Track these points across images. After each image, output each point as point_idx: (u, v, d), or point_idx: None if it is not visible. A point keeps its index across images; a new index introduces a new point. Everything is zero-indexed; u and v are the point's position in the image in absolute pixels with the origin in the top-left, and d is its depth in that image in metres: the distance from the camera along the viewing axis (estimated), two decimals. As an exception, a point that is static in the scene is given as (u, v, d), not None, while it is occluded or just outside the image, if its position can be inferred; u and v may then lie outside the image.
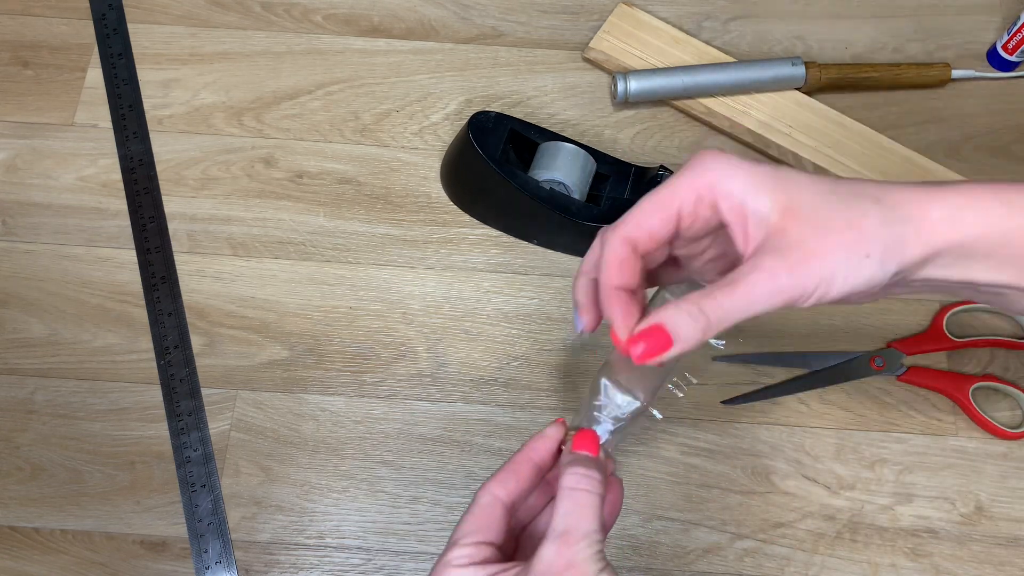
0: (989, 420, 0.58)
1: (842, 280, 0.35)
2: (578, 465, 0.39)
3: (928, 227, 0.36)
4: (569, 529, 0.37)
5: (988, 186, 0.37)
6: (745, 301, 0.35)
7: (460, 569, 0.38)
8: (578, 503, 0.38)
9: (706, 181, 0.36)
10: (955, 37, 0.71)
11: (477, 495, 0.41)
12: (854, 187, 0.36)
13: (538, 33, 0.71)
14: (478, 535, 0.39)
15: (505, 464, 0.41)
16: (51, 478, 0.57)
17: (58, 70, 0.69)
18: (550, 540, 0.37)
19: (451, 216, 0.65)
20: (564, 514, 0.38)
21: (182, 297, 0.62)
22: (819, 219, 0.35)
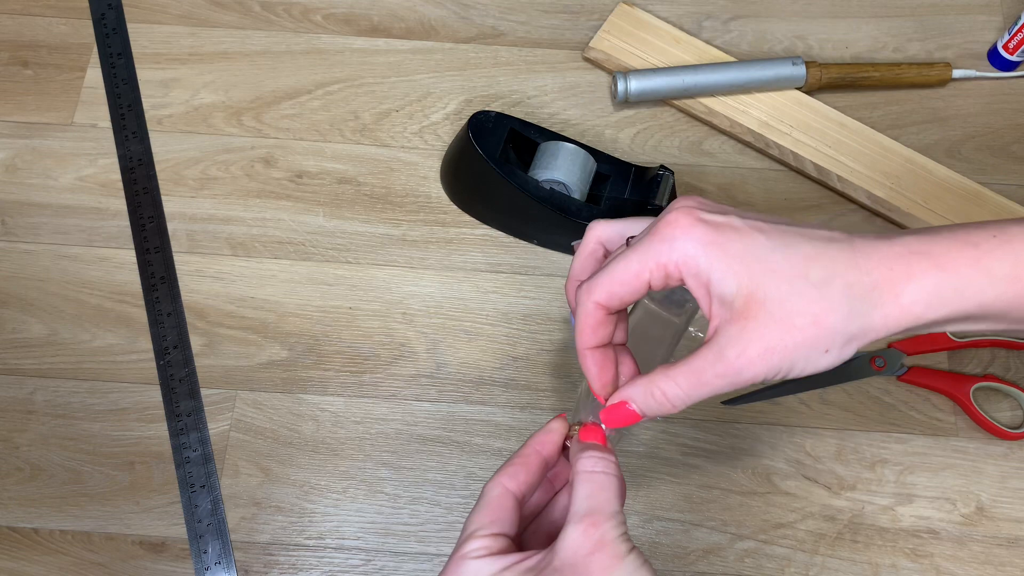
0: (990, 420, 0.58)
1: (799, 371, 0.36)
2: (593, 449, 0.39)
3: (897, 311, 0.35)
4: (593, 510, 0.36)
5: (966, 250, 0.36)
6: (708, 390, 0.36)
7: (478, 560, 0.37)
8: (599, 484, 0.37)
9: (674, 258, 0.36)
10: (956, 37, 0.71)
11: (487, 488, 0.40)
12: (828, 267, 0.35)
13: (538, 33, 0.71)
14: (493, 527, 0.38)
15: (512, 458, 0.41)
16: (50, 478, 0.57)
17: (57, 70, 0.69)
18: (573, 523, 0.36)
19: (451, 216, 0.65)
20: (585, 496, 0.37)
21: (181, 297, 0.62)
22: (784, 313, 0.35)
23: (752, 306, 0.35)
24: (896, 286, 0.35)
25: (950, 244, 0.36)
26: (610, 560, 0.35)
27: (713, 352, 0.36)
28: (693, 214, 0.36)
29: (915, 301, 0.35)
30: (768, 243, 0.35)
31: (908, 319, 0.35)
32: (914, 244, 0.36)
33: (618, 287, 0.38)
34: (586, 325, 0.39)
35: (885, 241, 0.36)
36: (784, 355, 0.35)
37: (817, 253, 0.35)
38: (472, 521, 0.39)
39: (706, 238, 0.35)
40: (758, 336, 0.35)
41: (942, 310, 0.35)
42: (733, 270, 0.35)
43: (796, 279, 0.35)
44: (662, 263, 0.36)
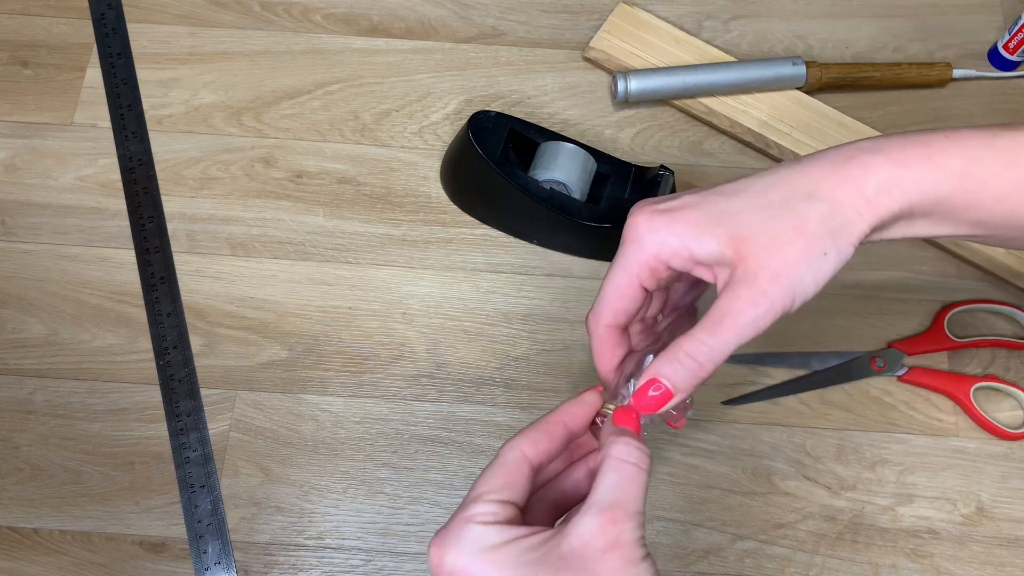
0: (990, 420, 0.58)
1: (812, 283, 0.37)
2: (629, 436, 0.37)
3: (866, 204, 0.37)
4: (617, 504, 0.34)
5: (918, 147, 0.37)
6: (733, 334, 0.37)
7: (484, 527, 0.34)
8: (628, 477, 0.35)
9: (649, 253, 0.38)
10: (956, 37, 0.71)
11: (504, 450, 0.37)
12: (784, 187, 0.37)
13: (538, 32, 0.71)
14: (503, 493, 0.36)
15: (536, 422, 0.39)
16: (50, 479, 0.57)
17: (57, 70, 0.69)
18: (592, 513, 0.34)
19: (451, 216, 0.65)
20: (612, 486, 0.35)
21: (181, 297, 0.62)
22: (767, 238, 0.36)
23: (740, 247, 0.36)
24: (857, 181, 0.37)
25: (901, 144, 0.38)
26: (623, 564, 0.33)
27: (726, 299, 0.36)
28: (647, 210, 0.38)
29: (878, 192, 0.37)
30: (724, 196, 0.38)
31: (877, 211, 0.37)
32: (864, 146, 0.38)
33: (616, 303, 0.40)
34: (603, 349, 0.41)
35: (833, 151, 0.38)
36: (789, 272, 0.36)
37: (770, 183, 0.38)
38: (483, 482, 0.36)
39: (666, 220, 0.37)
40: (759, 266, 0.36)
41: (901, 199, 0.37)
42: (705, 230, 0.37)
43: (763, 207, 0.37)
44: (642, 262, 0.38)
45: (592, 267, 0.63)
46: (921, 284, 0.63)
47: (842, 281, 0.62)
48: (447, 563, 0.34)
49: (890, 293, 0.62)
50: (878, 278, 0.63)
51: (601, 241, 0.62)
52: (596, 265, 0.63)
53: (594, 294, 0.62)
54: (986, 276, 0.63)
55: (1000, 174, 0.37)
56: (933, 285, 0.63)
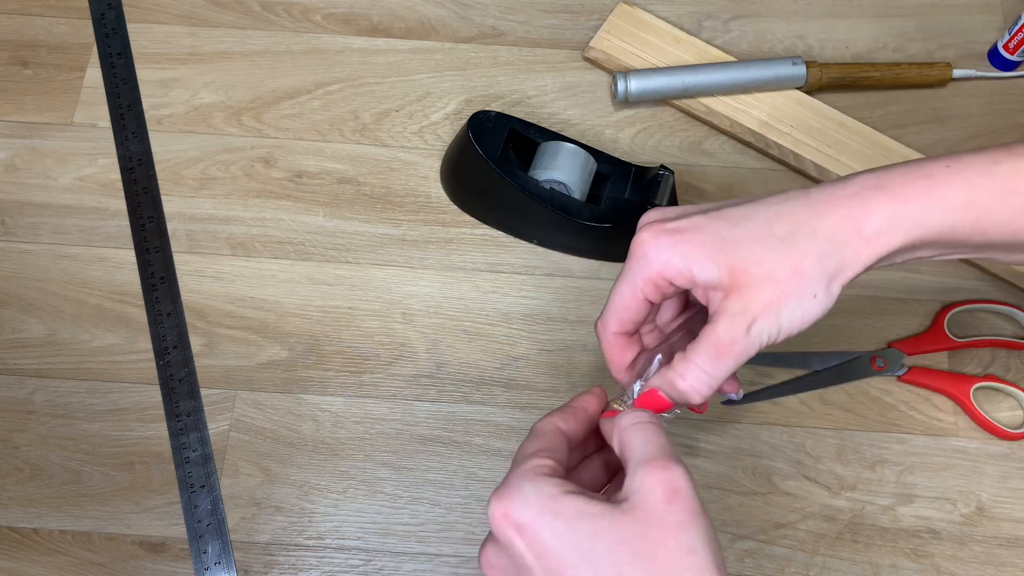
0: (990, 420, 0.57)
1: (799, 322, 0.38)
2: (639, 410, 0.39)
3: (864, 244, 0.38)
4: (658, 455, 0.35)
5: (919, 181, 0.38)
6: (730, 361, 0.38)
7: (545, 478, 0.34)
8: (652, 433, 0.37)
9: (653, 270, 0.39)
10: (956, 36, 0.71)
11: (539, 425, 0.39)
12: (789, 223, 0.38)
13: (538, 32, 0.71)
14: (552, 453, 0.37)
15: (568, 405, 0.41)
16: (50, 479, 0.57)
17: (57, 70, 0.69)
18: (641, 469, 0.34)
19: (451, 216, 0.65)
20: (643, 443, 0.36)
21: (181, 297, 0.62)
22: (765, 272, 0.37)
23: (738, 277, 0.37)
24: (857, 222, 0.38)
25: (904, 177, 0.38)
26: (688, 515, 0.33)
27: (721, 325, 0.38)
28: (656, 227, 0.39)
29: (877, 232, 0.38)
30: (730, 223, 0.38)
31: (876, 250, 0.38)
32: (869, 181, 0.39)
33: (623, 313, 0.41)
34: (613, 354, 0.43)
35: (839, 184, 0.39)
36: (780, 309, 0.37)
37: (776, 213, 0.38)
38: (528, 447, 0.37)
39: (672, 241, 0.38)
40: (754, 298, 0.37)
41: (903, 237, 0.38)
42: (708, 256, 0.38)
43: (765, 240, 0.38)
44: (646, 279, 0.39)
45: (592, 267, 0.63)
46: (921, 284, 0.63)
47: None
48: (513, 515, 0.33)
49: (890, 293, 0.62)
50: (878, 278, 0.63)
51: (601, 241, 0.62)
52: (596, 265, 0.63)
53: (594, 294, 0.62)
54: (986, 276, 0.63)
55: (1002, 202, 0.38)
56: (933, 285, 0.63)
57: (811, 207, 0.38)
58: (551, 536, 0.32)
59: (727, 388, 0.44)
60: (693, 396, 0.39)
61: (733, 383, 0.44)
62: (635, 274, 0.40)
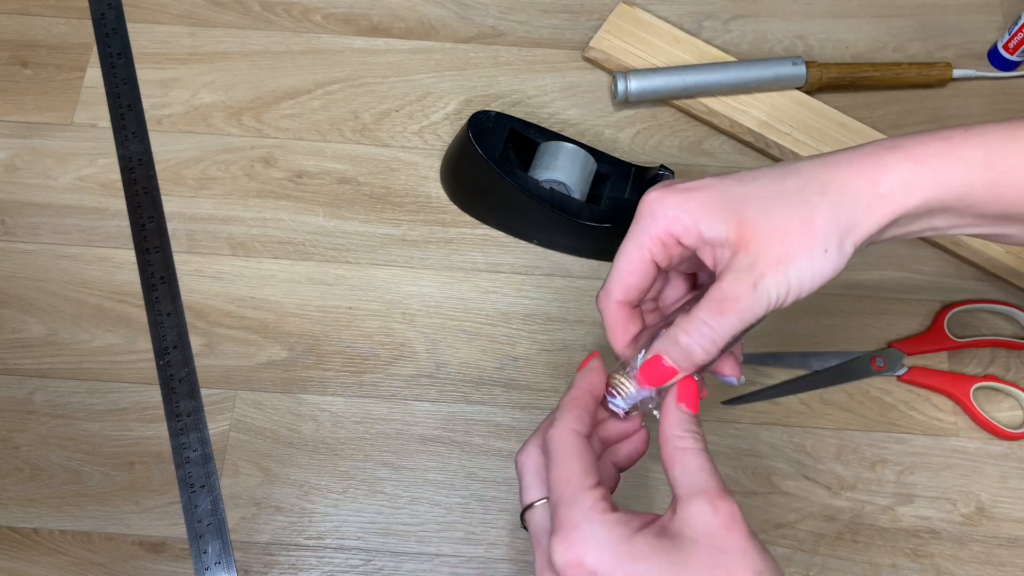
0: (990, 420, 0.58)
1: (809, 279, 0.37)
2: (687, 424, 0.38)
3: (879, 201, 0.37)
4: (711, 484, 0.35)
5: (938, 142, 0.37)
6: (734, 318, 0.37)
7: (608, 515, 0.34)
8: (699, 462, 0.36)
9: (661, 228, 0.38)
10: (956, 36, 0.71)
11: (560, 439, 0.37)
12: (799, 177, 0.37)
13: (538, 32, 0.71)
14: (593, 476, 0.36)
15: (569, 403, 0.39)
16: (50, 479, 0.57)
17: (57, 70, 0.69)
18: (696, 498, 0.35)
19: (451, 216, 0.65)
20: (698, 469, 0.36)
21: (181, 297, 0.62)
22: (774, 226, 0.36)
23: (746, 232, 0.36)
24: (872, 177, 0.36)
25: (921, 139, 0.37)
26: (746, 540, 0.34)
27: (727, 282, 0.37)
28: (661, 188, 0.38)
29: (892, 189, 0.36)
30: (740, 182, 0.38)
31: (890, 209, 0.36)
32: (885, 143, 0.38)
33: (628, 278, 0.40)
34: (616, 325, 0.41)
35: (854, 148, 0.38)
36: (788, 264, 0.36)
37: (787, 171, 0.38)
38: (564, 474, 0.36)
39: (680, 199, 0.37)
40: (762, 253, 0.36)
41: (920, 196, 0.36)
42: (716, 213, 0.37)
43: (774, 196, 0.37)
44: (654, 237, 0.38)
45: (592, 267, 0.63)
46: (921, 284, 0.63)
47: (841, 281, 0.62)
48: (589, 563, 0.33)
49: (890, 293, 0.62)
50: (878, 278, 0.63)
51: (601, 241, 0.62)
52: (596, 265, 0.63)
53: (594, 294, 0.62)
54: (986, 276, 0.63)
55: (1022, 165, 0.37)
56: (933, 285, 0.63)
57: (823, 166, 0.37)
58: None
59: (727, 371, 0.42)
60: (697, 353, 0.38)
61: (734, 366, 0.42)
62: (642, 233, 0.39)
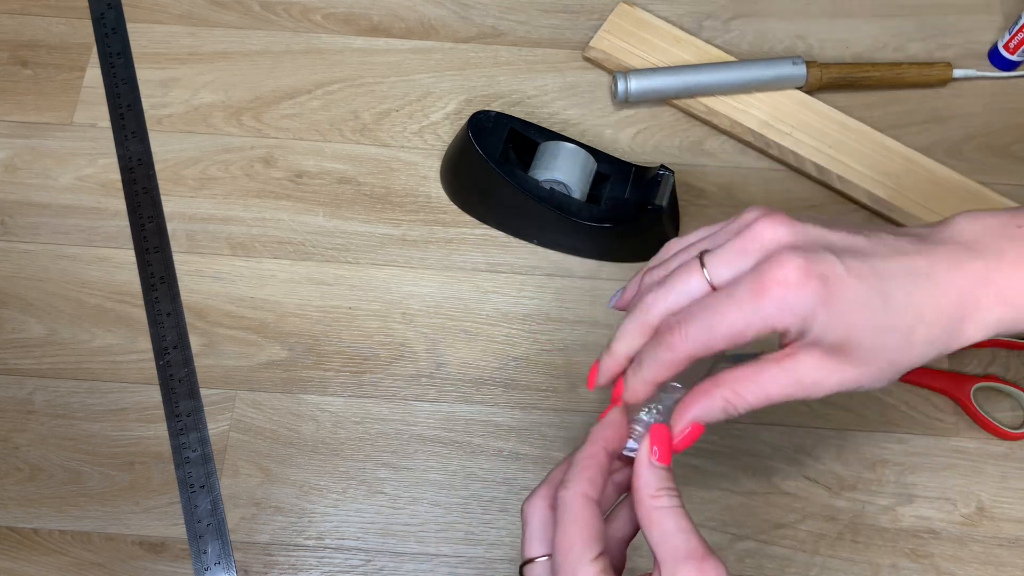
0: (990, 420, 0.57)
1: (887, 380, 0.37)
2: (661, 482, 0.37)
3: (956, 344, 0.37)
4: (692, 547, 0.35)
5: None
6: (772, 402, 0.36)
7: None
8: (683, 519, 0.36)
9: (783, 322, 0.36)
10: (956, 36, 0.71)
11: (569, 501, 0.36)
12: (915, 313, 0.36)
13: (538, 32, 0.71)
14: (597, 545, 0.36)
15: (583, 462, 0.38)
16: (50, 479, 0.57)
17: (57, 69, 0.69)
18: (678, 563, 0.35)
19: (451, 216, 0.65)
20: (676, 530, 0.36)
21: (181, 297, 0.62)
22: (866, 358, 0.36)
23: (840, 350, 0.36)
24: (964, 322, 0.36)
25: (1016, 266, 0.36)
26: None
27: (785, 378, 0.36)
28: (801, 265, 0.35)
29: (976, 333, 0.37)
30: (864, 291, 0.35)
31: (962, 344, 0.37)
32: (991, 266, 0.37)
33: (718, 342, 0.36)
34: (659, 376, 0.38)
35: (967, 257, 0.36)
36: (854, 384, 0.36)
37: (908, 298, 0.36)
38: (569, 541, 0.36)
39: (817, 297, 0.35)
40: (838, 371, 0.36)
41: (997, 332, 0.37)
42: (833, 323, 0.35)
43: (889, 330, 0.36)
44: (771, 324, 0.35)
45: (592, 267, 0.63)
46: (921, 284, 0.63)
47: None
48: None
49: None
50: (878, 278, 0.63)
51: (601, 241, 0.62)
52: (596, 265, 0.63)
53: (594, 294, 0.62)
54: (986, 276, 0.63)
55: None
56: (933, 285, 0.62)
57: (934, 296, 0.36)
58: None
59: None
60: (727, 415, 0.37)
61: None
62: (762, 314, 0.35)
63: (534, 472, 0.57)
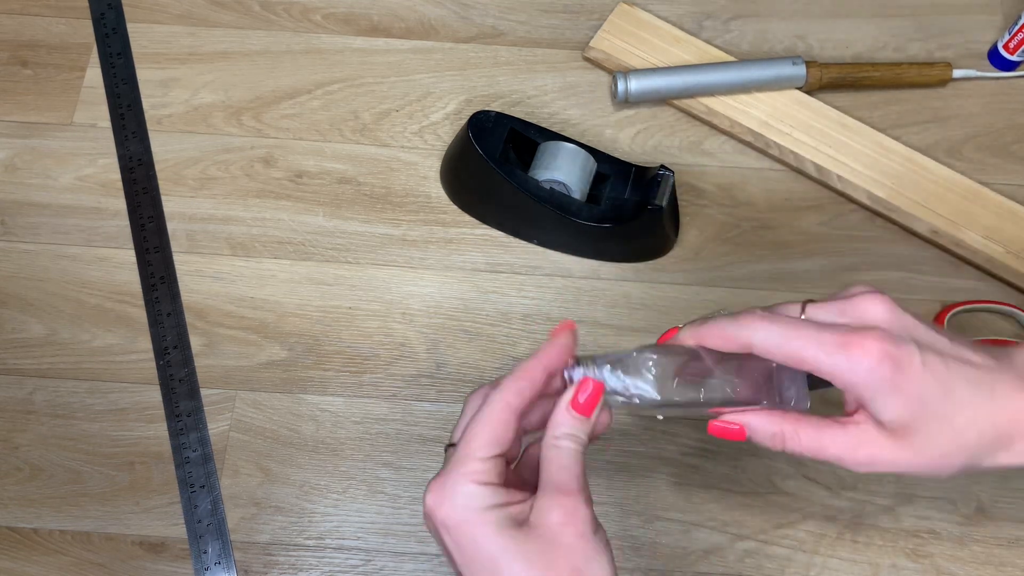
0: (990, 420, 0.57)
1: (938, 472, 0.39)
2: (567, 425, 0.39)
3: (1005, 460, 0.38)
4: (564, 482, 0.38)
5: None
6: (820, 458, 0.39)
7: (477, 486, 0.38)
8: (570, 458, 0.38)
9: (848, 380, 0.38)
10: (956, 36, 0.71)
11: (490, 402, 0.39)
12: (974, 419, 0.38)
13: (538, 32, 0.71)
14: (493, 448, 0.38)
15: (519, 371, 0.40)
16: (50, 478, 0.57)
17: (57, 70, 0.69)
18: (546, 492, 0.38)
19: (451, 216, 0.65)
20: (559, 468, 0.38)
21: (181, 297, 0.62)
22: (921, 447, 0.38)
23: (899, 432, 0.38)
24: (1006, 445, 0.38)
25: None
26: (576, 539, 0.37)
27: (844, 440, 0.39)
28: (886, 344, 0.37)
29: (1009, 459, 0.39)
30: (935, 386, 0.38)
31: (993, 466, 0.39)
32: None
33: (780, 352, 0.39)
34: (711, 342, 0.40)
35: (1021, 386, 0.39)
36: (902, 471, 0.39)
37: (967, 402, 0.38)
38: (471, 433, 0.39)
39: (888, 376, 0.37)
40: (891, 454, 0.38)
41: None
42: (898, 405, 0.37)
43: (945, 426, 0.38)
44: (835, 374, 0.38)
45: (592, 267, 0.63)
46: (921, 284, 0.63)
47: (842, 281, 0.62)
48: (439, 515, 0.38)
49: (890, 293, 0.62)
50: (878, 278, 0.63)
51: (601, 241, 0.62)
52: (596, 265, 0.63)
53: (594, 294, 0.62)
54: (986, 276, 0.63)
55: None
56: (933, 285, 0.63)
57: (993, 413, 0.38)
58: (468, 541, 0.37)
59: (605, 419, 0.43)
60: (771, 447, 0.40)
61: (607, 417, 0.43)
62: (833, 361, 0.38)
63: (534, 472, 0.57)
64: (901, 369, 0.37)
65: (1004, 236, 0.62)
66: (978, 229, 0.62)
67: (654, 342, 0.43)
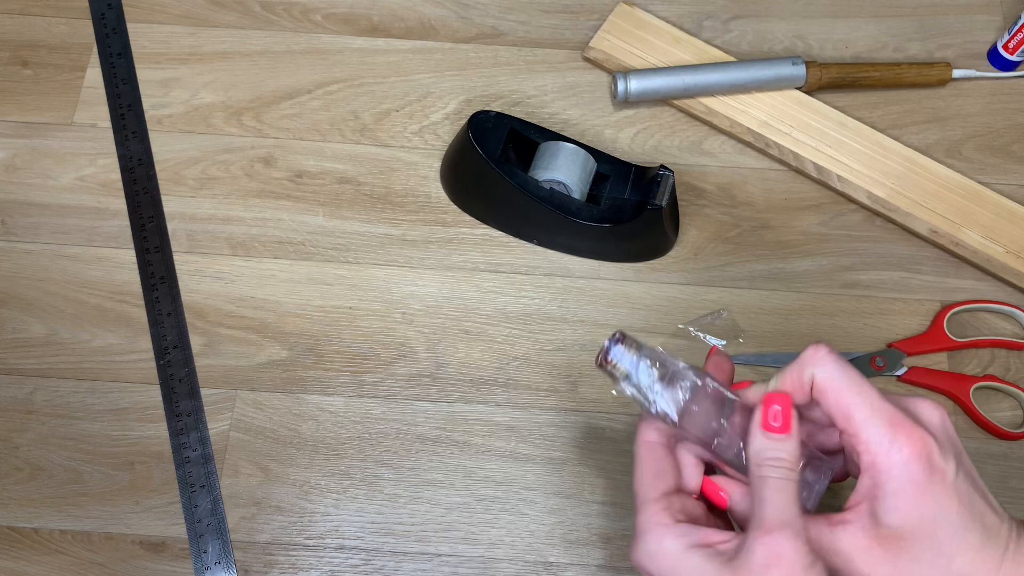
0: (990, 420, 0.58)
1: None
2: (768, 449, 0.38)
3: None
4: (775, 520, 0.36)
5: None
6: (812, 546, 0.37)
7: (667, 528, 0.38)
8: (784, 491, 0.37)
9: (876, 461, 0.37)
10: (956, 36, 0.71)
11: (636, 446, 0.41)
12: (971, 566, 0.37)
13: (538, 32, 0.71)
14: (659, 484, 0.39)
15: None
16: (50, 478, 0.57)
17: (57, 70, 0.69)
18: (756, 530, 0.37)
19: (451, 216, 0.65)
20: (771, 502, 0.37)
21: (181, 297, 0.62)
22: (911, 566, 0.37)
23: (890, 541, 0.37)
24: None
25: None
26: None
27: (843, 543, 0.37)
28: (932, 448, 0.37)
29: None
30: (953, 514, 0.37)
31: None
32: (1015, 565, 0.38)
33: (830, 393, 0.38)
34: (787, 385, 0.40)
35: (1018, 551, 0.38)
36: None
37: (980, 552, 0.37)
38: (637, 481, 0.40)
39: (918, 476, 0.36)
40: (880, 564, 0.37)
41: None
42: (910, 511, 0.36)
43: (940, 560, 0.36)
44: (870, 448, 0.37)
45: (592, 267, 0.63)
46: (921, 284, 0.63)
47: (841, 281, 0.62)
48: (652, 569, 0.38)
49: (890, 293, 0.62)
50: (878, 278, 0.63)
51: (601, 241, 0.62)
52: (596, 265, 0.63)
53: (594, 294, 0.62)
54: (986, 276, 0.63)
55: None
56: (933, 285, 0.63)
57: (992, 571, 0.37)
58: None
59: None
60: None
61: None
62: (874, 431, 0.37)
63: (534, 472, 0.57)
64: (933, 477, 0.36)
65: (1004, 236, 0.62)
66: (977, 229, 0.63)
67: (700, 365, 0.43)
